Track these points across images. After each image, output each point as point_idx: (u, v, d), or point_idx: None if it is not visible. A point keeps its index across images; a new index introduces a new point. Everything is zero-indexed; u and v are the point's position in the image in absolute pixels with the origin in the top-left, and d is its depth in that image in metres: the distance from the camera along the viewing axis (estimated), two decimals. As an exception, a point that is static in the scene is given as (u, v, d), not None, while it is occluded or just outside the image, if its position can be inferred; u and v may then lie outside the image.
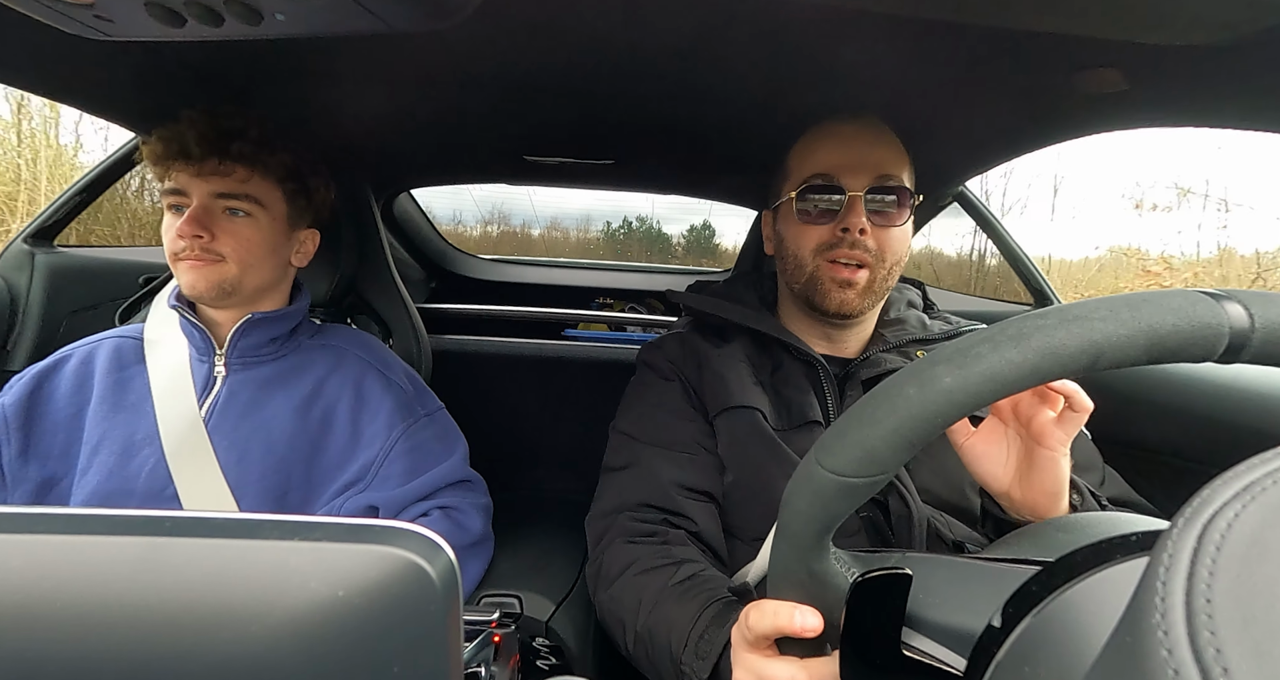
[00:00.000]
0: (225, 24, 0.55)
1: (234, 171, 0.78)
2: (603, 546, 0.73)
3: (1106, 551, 0.27)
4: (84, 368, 0.81)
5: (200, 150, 0.75)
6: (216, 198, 0.77)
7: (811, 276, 0.76)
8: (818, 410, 0.75)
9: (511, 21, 0.70)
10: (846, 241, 0.73)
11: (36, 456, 0.76)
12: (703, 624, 0.58)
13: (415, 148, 1.28)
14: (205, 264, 0.77)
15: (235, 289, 0.79)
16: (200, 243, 0.76)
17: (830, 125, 0.78)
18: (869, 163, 0.74)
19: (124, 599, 0.24)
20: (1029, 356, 0.27)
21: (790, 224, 0.78)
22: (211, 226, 0.77)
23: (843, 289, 0.74)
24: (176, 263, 0.77)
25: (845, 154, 0.75)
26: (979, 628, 0.30)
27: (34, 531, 0.25)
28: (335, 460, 0.82)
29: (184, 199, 0.77)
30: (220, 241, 0.77)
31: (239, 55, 0.82)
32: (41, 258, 1.21)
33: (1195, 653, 0.14)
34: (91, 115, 0.95)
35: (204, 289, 0.77)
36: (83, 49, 0.64)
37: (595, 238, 4.87)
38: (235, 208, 0.78)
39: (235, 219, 0.79)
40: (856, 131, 0.77)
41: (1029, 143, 0.96)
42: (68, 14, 0.55)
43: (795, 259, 0.77)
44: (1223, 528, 0.16)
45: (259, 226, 0.80)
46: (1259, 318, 0.27)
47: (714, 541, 0.73)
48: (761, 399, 0.76)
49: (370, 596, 0.25)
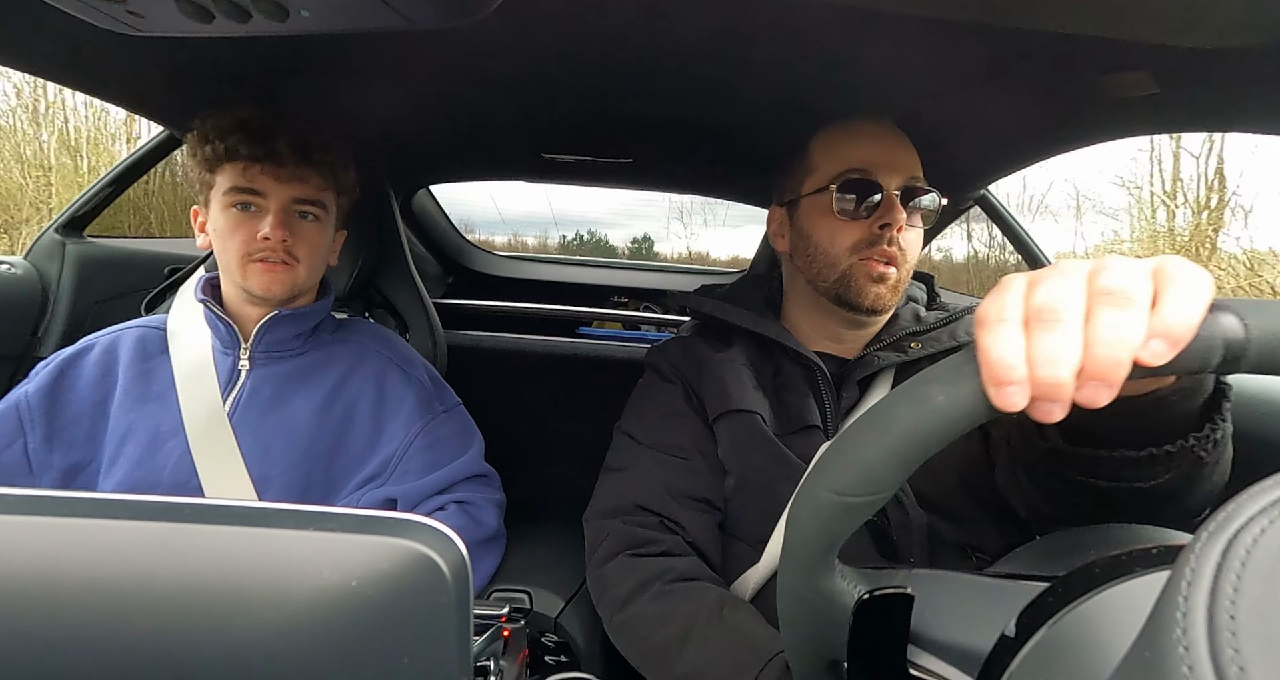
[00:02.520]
0: (252, 20, 0.55)
1: (312, 178, 0.80)
2: (602, 554, 0.73)
3: (1126, 564, 0.27)
4: (107, 356, 0.82)
5: (293, 157, 0.77)
6: (295, 202, 0.79)
7: (845, 273, 0.75)
8: (816, 414, 0.75)
9: (532, 19, 0.70)
10: (884, 239, 0.73)
11: (61, 443, 0.78)
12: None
13: (435, 145, 1.29)
14: (285, 268, 0.79)
15: (302, 291, 0.83)
16: (286, 245, 0.78)
17: (855, 123, 0.78)
18: (901, 162, 0.74)
19: (144, 582, 0.25)
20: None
21: (823, 219, 0.76)
22: (292, 229, 0.79)
23: (877, 284, 0.74)
24: (248, 263, 0.78)
25: (879, 152, 0.75)
26: (986, 646, 0.29)
27: (59, 514, 0.25)
28: (357, 455, 0.83)
29: (259, 200, 0.78)
30: (297, 245, 0.80)
31: (265, 53, 0.84)
32: (72, 248, 1.23)
33: (1218, 670, 0.13)
34: (124, 109, 0.97)
35: (279, 292, 0.79)
36: (116, 45, 0.65)
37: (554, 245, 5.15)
38: (308, 212, 0.81)
39: (307, 223, 0.81)
40: (883, 130, 0.77)
41: (1053, 146, 0.94)
42: (101, 9, 0.56)
43: (827, 256, 0.76)
44: (1248, 543, 0.15)
45: (324, 229, 0.83)
46: (1253, 327, 0.26)
47: (705, 548, 0.73)
48: (762, 403, 0.76)
49: (382, 587, 0.25)
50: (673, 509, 0.73)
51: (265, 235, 0.76)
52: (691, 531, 0.73)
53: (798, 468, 0.72)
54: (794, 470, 0.72)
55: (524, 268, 2.07)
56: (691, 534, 0.73)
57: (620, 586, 0.69)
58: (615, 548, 0.72)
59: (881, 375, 0.77)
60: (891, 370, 0.76)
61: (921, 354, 0.75)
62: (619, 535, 0.73)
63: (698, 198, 1.87)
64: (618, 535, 0.73)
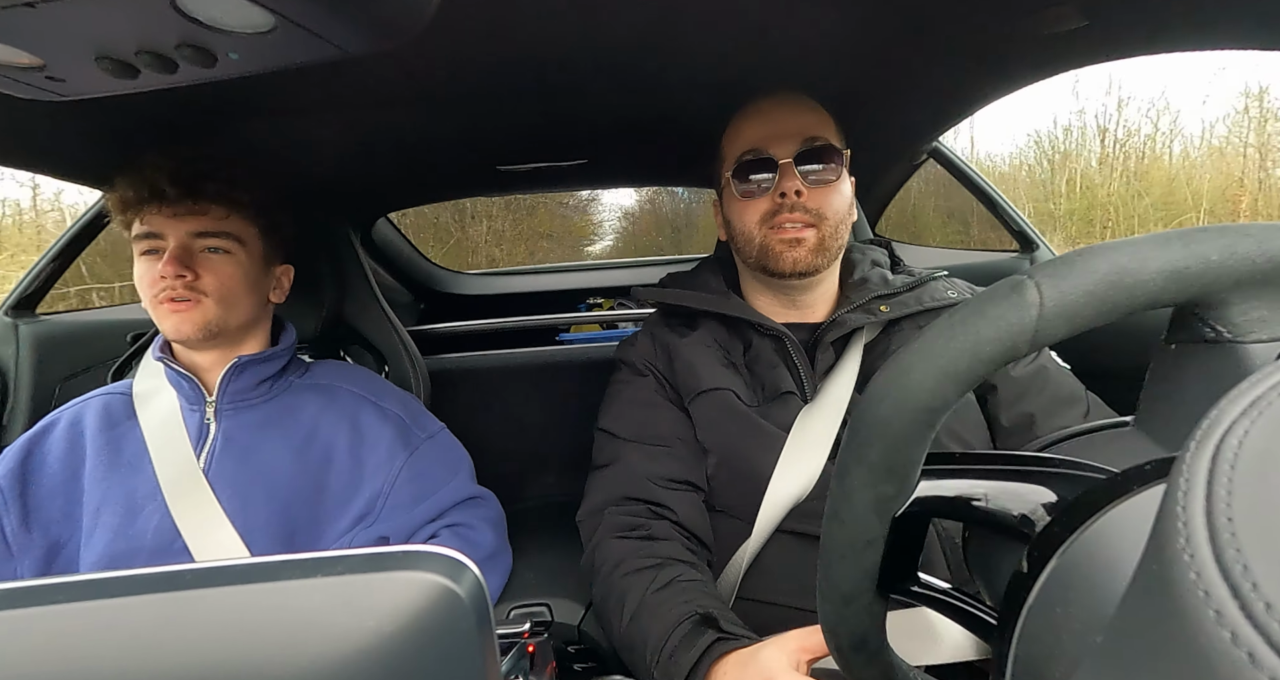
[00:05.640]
0: (180, 70, 0.54)
1: (210, 210, 0.77)
2: (594, 543, 0.75)
3: (1122, 483, 0.27)
4: (73, 429, 0.80)
5: (175, 190, 0.75)
6: (195, 237, 0.77)
7: (761, 245, 0.78)
8: (790, 381, 0.77)
9: (465, 33, 0.70)
10: (786, 206, 0.76)
11: (39, 523, 0.75)
12: (672, 643, 0.60)
13: (386, 173, 1.27)
14: (189, 306, 0.76)
15: (220, 329, 0.79)
16: (184, 282, 0.75)
17: (752, 105, 0.81)
18: (792, 130, 0.77)
19: (151, 659, 0.24)
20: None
21: (733, 203, 0.81)
22: (193, 266, 0.76)
23: (793, 248, 0.76)
24: (158, 306, 0.76)
25: (769, 126, 0.78)
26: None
27: (50, 602, 0.24)
28: (340, 497, 0.81)
29: (159, 242, 0.76)
30: (202, 280, 0.77)
31: (194, 101, 0.82)
32: (26, 328, 1.20)
33: (1222, 571, 0.14)
34: (46, 176, 0.94)
35: (189, 331, 0.77)
36: (33, 111, 0.63)
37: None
38: (215, 246, 0.78)
39: (214, 257, 0.78)
40: (776, 104, 0.80)
41: (995, 90, 0.96)
42: (18, 78, 0.54)
43: (744, 234, 0.80)
44: (1234, 445, 0.16)
45: (239, 263, 0.80)
46: (1047, 297, 0.26)
47: (695, 528, 0.75)
48: (734, 379, 0.78)
49: (400, 623, 0.25)
50: (659, 494, 0.75)
51: (161, 273, 0.75)
52: (680, 512, 0.74)
53: (775, 437, 0.73)
54: (772, 439, 0.73)
55: (494, 283, 2.06)
56: (681, 515, 0.74)
57: (602, 563, 0.72)
58: (604, 533, 0.74)
59: (855, 336, 0.78)
60: (863, 331, 0.78)
61: (890, 316, 0.77)
62: (608, 523, 0.75)
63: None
64: (607, 524, 0.75)
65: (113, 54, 0.51)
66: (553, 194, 6.42)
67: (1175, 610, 0.14)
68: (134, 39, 0.49)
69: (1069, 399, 0.74)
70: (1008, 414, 0.76)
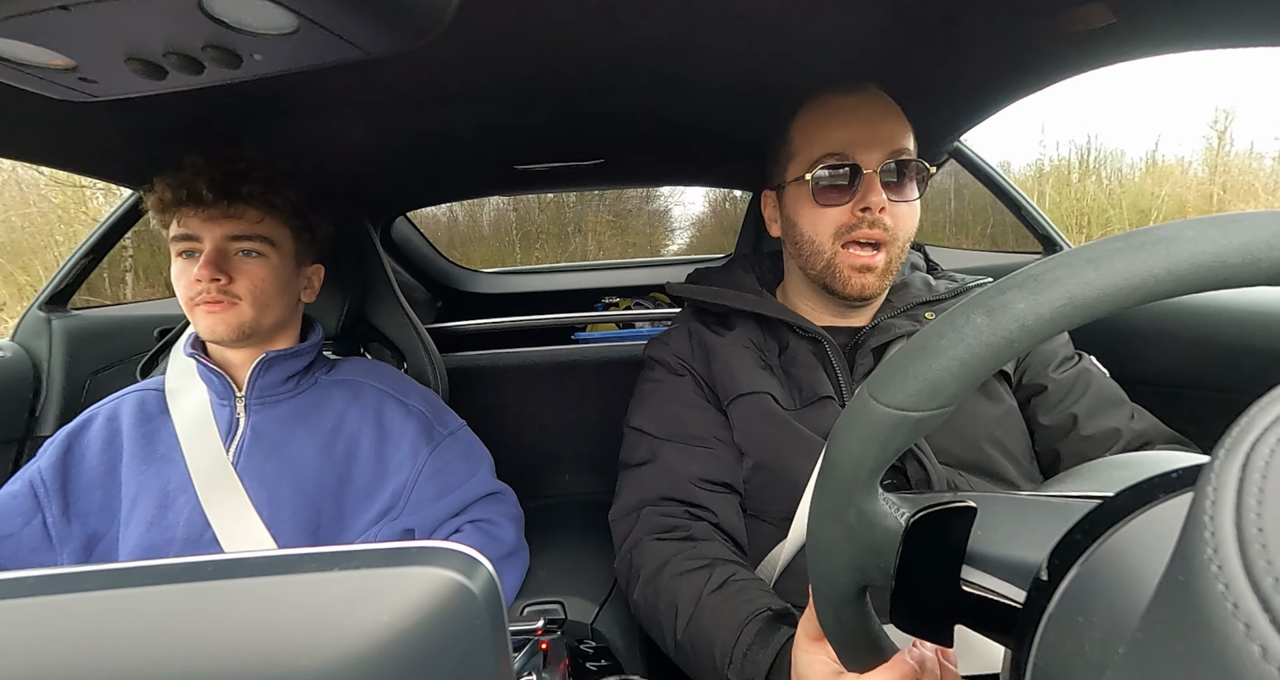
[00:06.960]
0: (206, 71, 0.55)
1: (245, 213, 0.79)
2: (630, 543, 0.74)
3: (1148, 491, 0.26)
4: (111, 424, 0.83)
5: (213, 194, 0.76)
6: (230, 240, 0.79)
7: (829, 263, 0.75)
8: (829, 385, 0.75)
9: (485, 33, 0.70)
10: (866, 221, 0.72)
11: (78, 515, 0.78)
12: (745, 642, 0.58)
13: (406, 172, 1.28)
14: (223, 307, 0.78)
15: (254, 330, 0.80)
16: (219, 285, 0.77)
17: (833, 98, 0.76)
18: (880, 137, 0.72)
19: (173, 647, 0.25)
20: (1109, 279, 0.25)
21: (804, 206, 0.76)
22: (227, 269, 0.78)
23: (862, 274, 0.73)
24: (194, 308, 0.78)
25: (856, 129, 0.73)
26: (1038, 558, 0.29)
27: (78, 590, 0.25)
28: (364, 491, 0.83)
29: (196, 244, 0.78)
30: (237, 284, 0.78)
31: (223, 102, 0.83)
32: (58, 322, 1.23)
33: (1252, 583, 0.13)
34: (84, 176, 0.96)
35: (224, 332, 0.78)
36: (71, 112, 0.65)
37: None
38: (249, 249, 0.80)
39: (249, 260, 0.80)
40: (861, 104, 0.75)
41: (1021, 89, 0.94)
42: (52, 79, 0.56)
43: (812, 244, 0.76)
44: (1265, 454, 0.15)
45: (272, 266, 0.81)
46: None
47: (734, 531, 0.74)
48: (771, 382, 0.76)
49: (415, 618, 0.25)
50: (699, 496, 0.74)
51: (196, 277, 0.76)
52: (720, 514, 0.73)
53: (813, 442, 0.72)
54: (810, 444, 0.72)
55: (511, 281, 2.07)
56: (719, 517, 0.73)
57: (644, 565, 0.70)
58: (641, 534, 0.73)
59: (896, 343, 0.76)
60: (905, 339, 0.76)
61: None
62: (645, 523, 0.73)
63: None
64: (645, 523, 0.73)
65: (142, 55, 0.52)
66: (636, 214, 7.24)
67: (1202, 622, 0.14)
68: (162, 40, 0.51)
69: (1112, 400, 0.73)
70: (1050, 414, 0.74)
